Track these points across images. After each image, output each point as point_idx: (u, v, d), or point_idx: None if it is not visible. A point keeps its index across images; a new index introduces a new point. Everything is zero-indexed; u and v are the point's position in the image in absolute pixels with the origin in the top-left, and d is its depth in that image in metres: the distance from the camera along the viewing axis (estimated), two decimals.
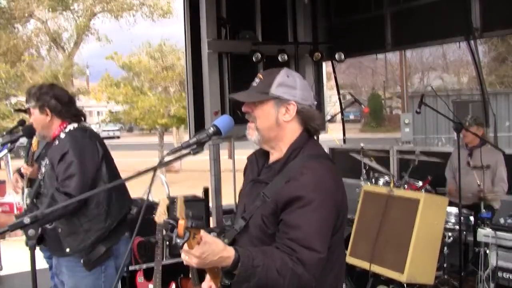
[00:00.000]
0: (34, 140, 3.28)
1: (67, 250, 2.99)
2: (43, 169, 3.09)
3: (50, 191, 2.95)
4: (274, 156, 2.01)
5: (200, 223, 1.71)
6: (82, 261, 3.00)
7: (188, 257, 1.68)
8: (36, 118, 3.10)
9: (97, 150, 3.08)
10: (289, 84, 1.95)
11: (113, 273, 3.13)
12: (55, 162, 2.97)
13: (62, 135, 3.06)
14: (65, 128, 3.10)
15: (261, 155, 2.08)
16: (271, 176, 1.95)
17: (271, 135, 1.96)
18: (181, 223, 1.64)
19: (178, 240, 1.64)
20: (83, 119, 3.23)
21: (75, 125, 3.13)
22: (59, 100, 3.12)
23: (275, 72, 1.98)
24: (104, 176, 3.05)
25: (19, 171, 4.00)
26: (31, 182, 3.27)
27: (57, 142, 3.06)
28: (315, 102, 2.02)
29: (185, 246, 1.66)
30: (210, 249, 1.66)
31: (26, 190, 3.25)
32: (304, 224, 1.79)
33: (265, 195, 1.89)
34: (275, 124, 1.95)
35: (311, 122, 1.98)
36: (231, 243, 1.97)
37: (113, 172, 3.14)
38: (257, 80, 2.01)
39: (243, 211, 2.00)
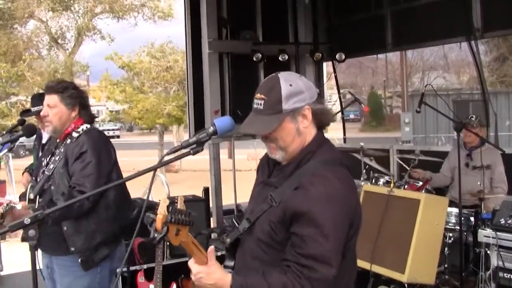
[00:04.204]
0: None
1: (72, 249, 2.98)
2: (51, 165, 3.05)
3: (61, 188, 2.95)
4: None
5: (187, 219, 1.69)
6: (80, 260, 2.99)
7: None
8: (61, 111, 3.06)
9: (111, 154, 3.13)
10: (295, 91, 1.84)
11: (107, 275, 3.14)
12: (71, 159, 2.97)
13: (75, 134, 3.06)
14: (78, 127, 3.10)
15: None
16: (281, 179, 1.89)
17: (295, 147, 1.88)
18: (160, 217, 1.64)
19: (156, 235, 1.63)
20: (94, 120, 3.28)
21: (88, 125, 3.14)
22: (85, 100, 3.19)
23: (275, 85, 1.85)
24: (115, 180, 3.05)
25: (28, 170, 4.00)
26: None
27: (68, 140, 3.06)
28: (318, 90, 1.94)
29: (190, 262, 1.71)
30: (206, 274, 1.82)
31: (30, 183, 3.24)
32: (319, 241, 1.74)
33: (273, 199, 1.84)
34: (297, 135, 1.87)
35: (324, 118, 1.91)
36: (233, 243, 1.98)
37: (120, 178, 3.15)
38: (259, 101, 1.86)
39: (250, 213, 1.97)
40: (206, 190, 5.84)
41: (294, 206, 1.78)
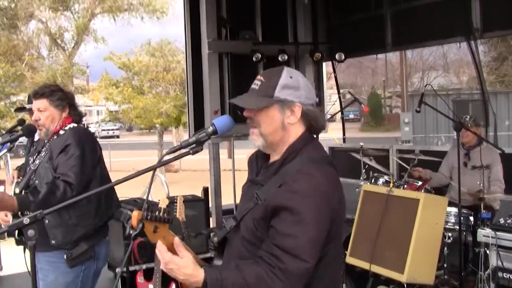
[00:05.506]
0: None
1: (53, 241, 3.02)
2: (37, 161, 3.14)
3: (44, 181, 3.01)
4: (273, 157, 1.95)
5: (164, 217, 1.71)
6: (65, 256, 3.04)
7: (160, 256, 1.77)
8: (52, 113, 3.16)
9: (96, 149, 3.21)
10: (293, 85, 1.86)
11: (90, 275, 3.19)
12: (56, 152, 3.05)
13: (62, 132, 3.16)
14: (65, 125, 3.20)
15: (262, 155, 2.02)
16: (267, 177, 1.88)
17: (276, 139, 1.89)
18: (135, 214, 1.66)
19: (131, 231, 1.65)
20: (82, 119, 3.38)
21: (74, 124, 3.23)
22: (74, 99, 3.32)
23: (277, 73, 1.89)
24: (98, 176, 3.15)
25: (19, 168, 4.02)
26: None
27: (55, 137, 3.15)
28: (317, 99, 1.95)
29: (159, 245, 1.69)
30: (177, 266, 1.77)
31: (15, 179, 3.31)
32: (296, 234, 1.73)
33: (258, 197, 1.84)
34: (280, 128, 1.87)
35: (315, 122, 1.91)
36: (221, 242, 1.98)
37: (105, 175, 3.25)
38: (257, 82, 1.91)
39: (238, 212, 1.98)
40: (205, 190, 5.83)
41: (276, 202, 1.78)
